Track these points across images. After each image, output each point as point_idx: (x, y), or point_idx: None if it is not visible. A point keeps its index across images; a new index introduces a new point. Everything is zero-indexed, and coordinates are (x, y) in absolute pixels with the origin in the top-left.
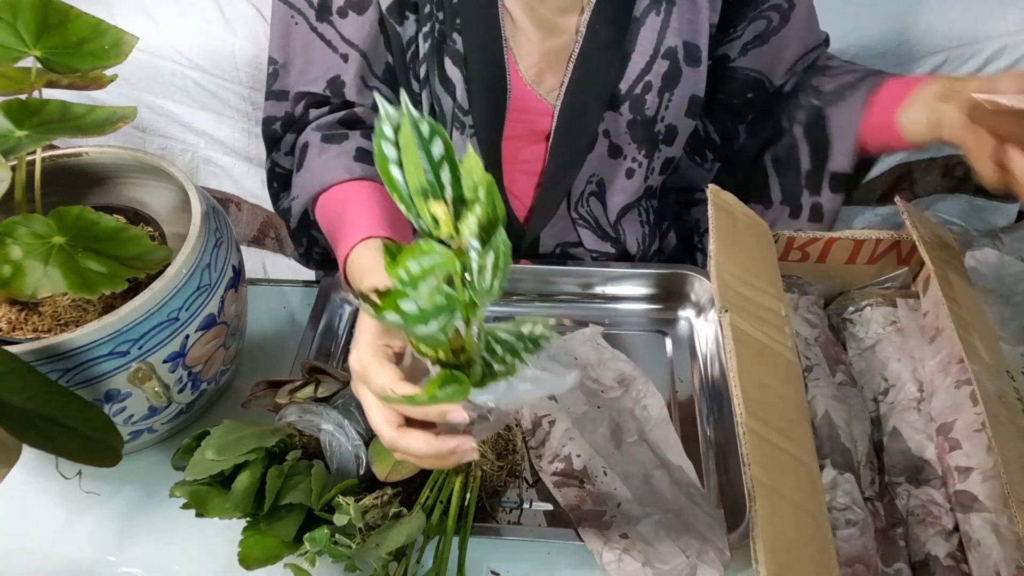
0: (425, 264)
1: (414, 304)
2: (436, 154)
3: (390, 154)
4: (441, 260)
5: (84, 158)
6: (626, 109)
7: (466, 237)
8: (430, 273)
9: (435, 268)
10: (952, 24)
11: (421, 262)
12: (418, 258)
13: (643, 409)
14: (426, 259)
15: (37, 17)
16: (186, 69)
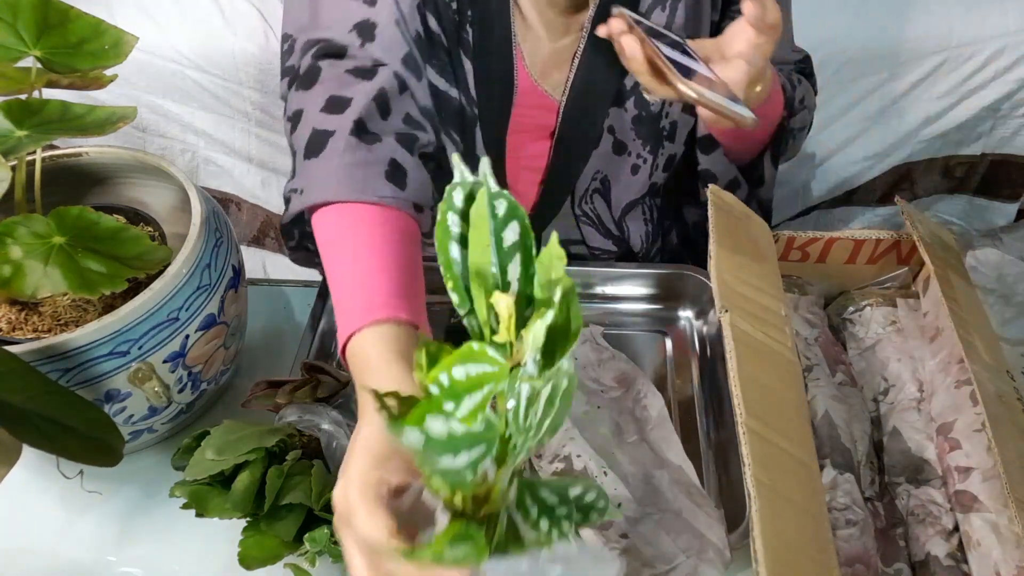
0: (473, 373)
1: (446, 425)
2: (509, 240)
3: (453, 228)
4: (495, 371)
5: (84, 158)
6: (631, 105)
7: (528, 348)
8: (478, 387)
9: (486, 381)
10: (952, 24)
11: (469, 370)
12: (466, 364)
13: (643, 409)
14: (476, 367)
15: (37, 17)
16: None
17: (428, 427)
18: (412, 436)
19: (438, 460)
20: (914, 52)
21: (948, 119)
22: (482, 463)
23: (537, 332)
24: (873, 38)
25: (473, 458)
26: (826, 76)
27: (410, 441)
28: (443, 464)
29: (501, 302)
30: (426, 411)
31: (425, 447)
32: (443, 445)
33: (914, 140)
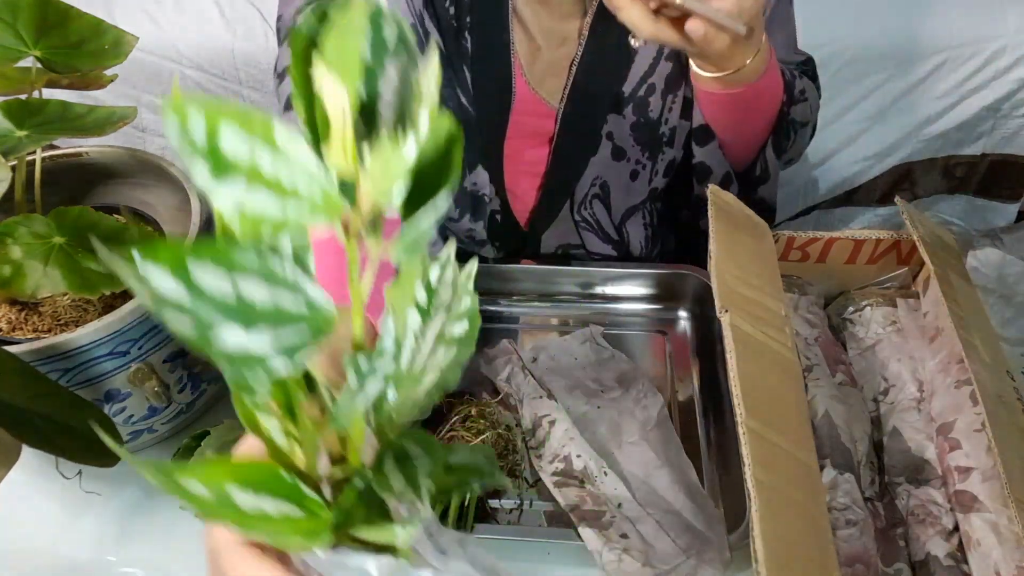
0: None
1: (230, 283)
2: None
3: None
4: (315, 195)
5: (84, 158)
6: (629, 112)
7: (376, 189)
8: (282, 228)
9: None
10: (952, 24)
11: (273, 171)
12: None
13: (643, 409)
14: (277, 166)
15: (37, 17)
16: (186, 69)
17: (197, 277)
18: (164, 283)
19: (217, 330)
20: (914, 52)
21: (948, 119)
22: (300, 355)
23: (387, 160)
24: (873, 38)
25: (284, 344)
26: (827, 76)
27: (163, 292)
28: (226, 341)
29: (327, 82)
30: (194, 249)
31: (193, 305)
32: (225, 309)
33: (914, 140)
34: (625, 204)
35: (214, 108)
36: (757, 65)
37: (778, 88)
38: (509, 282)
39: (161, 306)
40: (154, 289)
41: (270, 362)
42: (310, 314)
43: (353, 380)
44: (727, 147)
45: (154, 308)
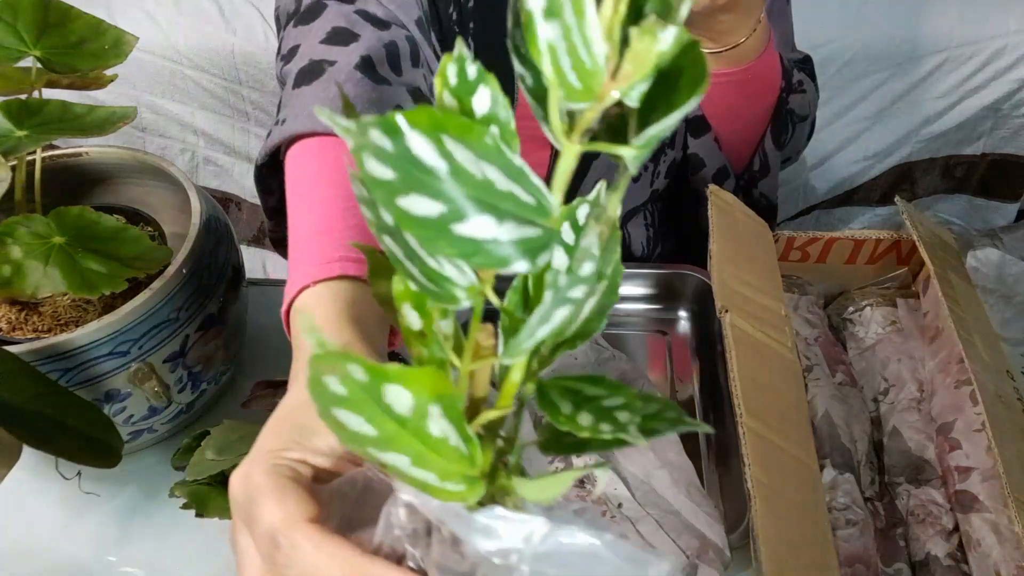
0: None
1: (474, 152)
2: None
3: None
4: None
5: (84, 158)
6: None
7: (630, 78)
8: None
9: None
10: (952, 24)
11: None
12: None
13: None
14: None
15: (37, 17)
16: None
17: (448, 143)
18: (421, 148)
19: (468, 218)
20: (914, 52)
21: (948, 119)
22: (541, 256)
23: (648, 46)
24: (873, 38)
25: (525, 237)
26: (826, 76)
27: (415, 154)
28: (473, 232)
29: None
30: (446, 123)
31: (448, 184)
32: (473, 183)
33: (914, 140)
34: (626, 206)
35: None
36: (756, 43)
37: (777, 73)
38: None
39: (408, 188)
40: (409, 163)
41: (513, 261)
42: (540, 213)
43: (548, 302)
44: (724, 139)
45: (393, 191)
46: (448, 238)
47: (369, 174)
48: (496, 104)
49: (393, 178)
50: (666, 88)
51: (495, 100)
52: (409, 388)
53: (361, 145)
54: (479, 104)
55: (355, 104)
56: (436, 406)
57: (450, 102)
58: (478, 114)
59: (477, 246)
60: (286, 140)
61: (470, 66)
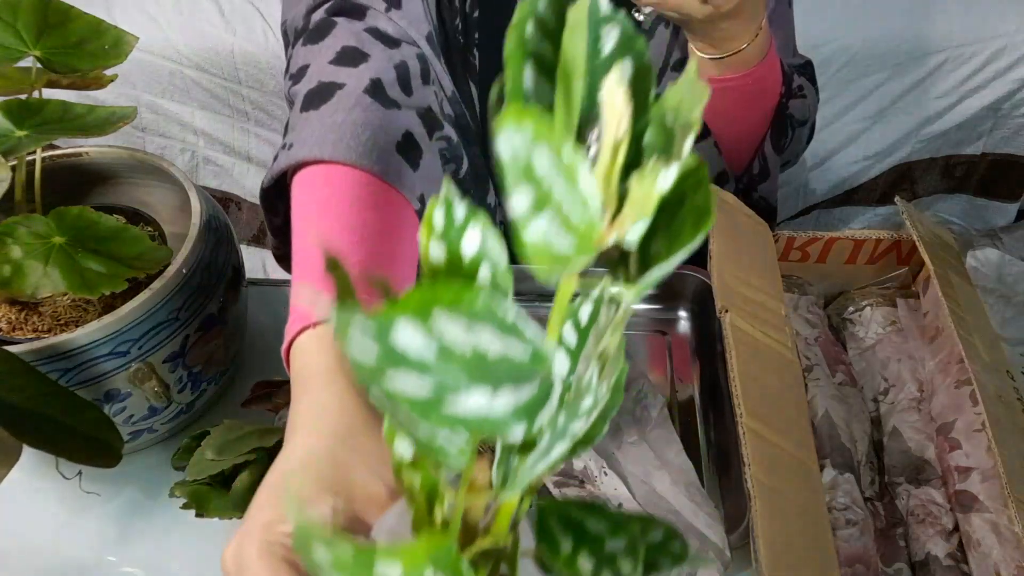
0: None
1: (470, 332)
2: (607, 49)
3: (533, 43)
4: (581, 228)
5: (84, 158)
6: None
7: (630, 219)
8: (556, 258)
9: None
10: (952, 24)
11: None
12: (528, 179)
13: (643, 409)
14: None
15: (37, 17)
16: (185, 69)
17: (438, 323)
18: (407, 337)
19: (461, 393)
20: (914, 52)
21: (948, 119)
22: (539, 416)
23: (649, 191)
24: (873, 38)
25: (524, 402)
26: (827, 76)
27: (401, 345)
28: (465, 405)
29: (614, 100)
30: (436, 297)
31: (437, 365)
32: (468, 365)
33: (914, 140)
34: None
35: (534, 125)
36: (757, 49)
37: (777, 78)
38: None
39: (394, 366)
40: (395, 348)
41: (510, 427)
42: (535, 364)
43: (547, 440)
44: (724, 144)
45: (378, 372)
46: (439, 415)
47: (353, 358)
48: (486, 241)
49: (377, 364)
50: (667, 218)
51: (485, 237)
52: (401, 563)
53: (343, 330)
54: (469, 245)
55: (364, 130)
56: (429, 571)
57: (437, 254)
58: (467, 256)
59: (471, 421)
60: (292, 166)
61: (458, 208)
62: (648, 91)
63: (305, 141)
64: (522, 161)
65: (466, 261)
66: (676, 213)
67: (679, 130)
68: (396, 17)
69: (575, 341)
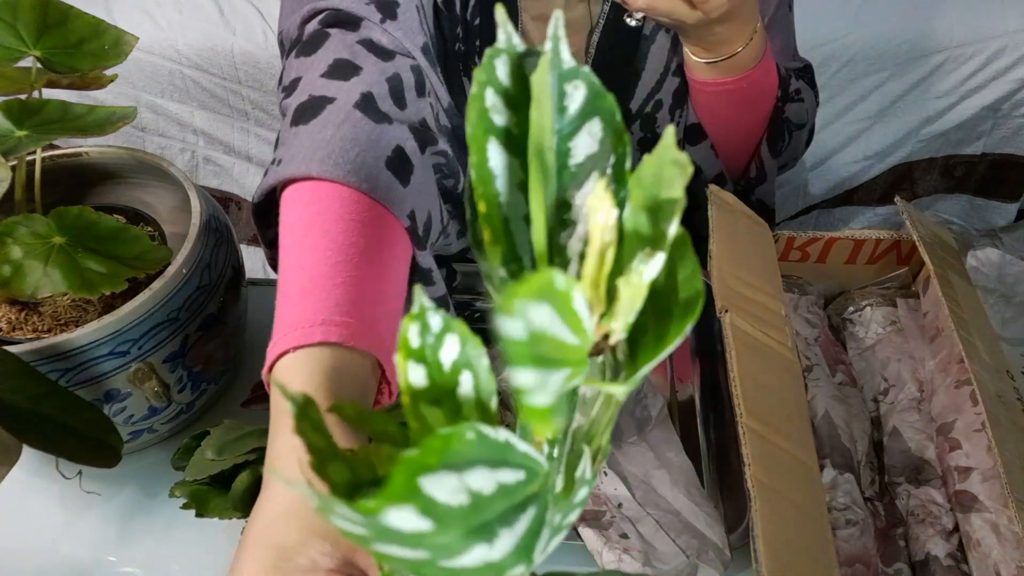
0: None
1: (458, 484)
2: (582, 146)
3: (495, 116)
4: (575, 348)
5: (84, 158)
6: (637, 128)
7: (620, 317)
8: (549, 362)
9: (558, 362)
10: (952, 24)
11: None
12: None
13: (643, 409)
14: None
15: (37, 17)
16: (185, 69)
17: (429, 491)
18: (399, 520)
19: (461, 554)
20: (914, 52)
21: (948, 119)
22: (538, 546)
23: (637, 289)
24: (873, 38)
25: (521, 537)
26: (826, 76)
27: (353, 533)
28: (465, 563)
29: (600, 208)
30: (424, 463)
31: (430, 535)
32: (461, 520)
33: (914, 140)
34: None
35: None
36: (753, 52)
37: (773, 82)
38: None
39: (386, 542)
40: (387, 531)
41: (508, 570)
42: (530, 483)
43: (545, 537)
44: (720, 147)
45: (368, 542)
46: (433, 570)
47: (340, 527)
48: (466, 346)
49: (369, 535)
50: (656, 307)
51: (464, 342)
52: None
53: (327, 510)
54: (447, 355)
55: (353, 146)
56: None
57: (417, 375)
58: (446, 366)
59: (468, 572)
60: (281, 183)
61: (433, 318)
62: (625, 157)
63: (293, 157)
64: (532, 335)
65: (446, 372)
66: (664, 300)
67: (663, 212)
68: (391, 28)
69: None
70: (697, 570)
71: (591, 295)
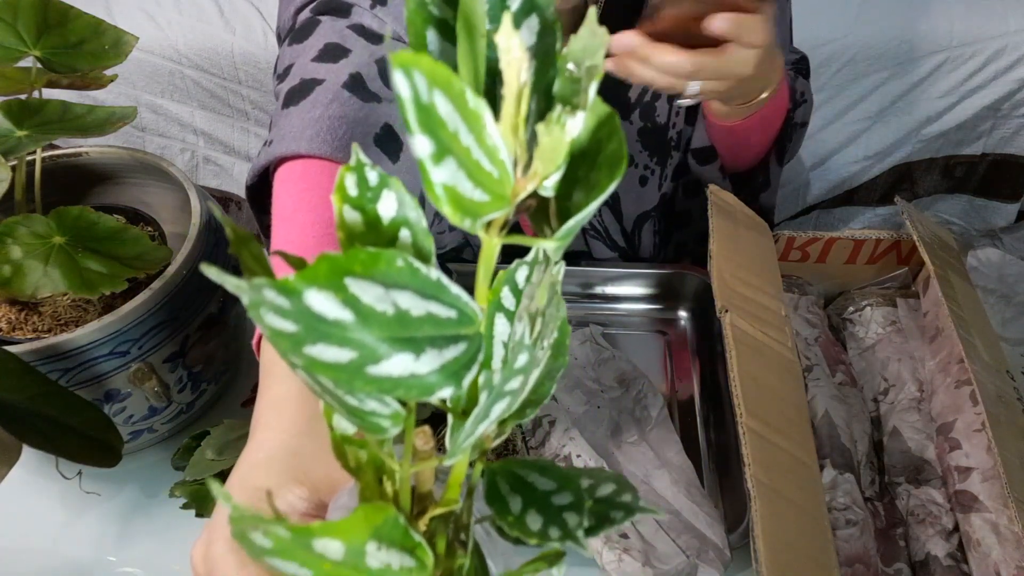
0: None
1: (386, 294)
2: (514, 7)
3: (434, 10)
4: (495, 184)
5: (84, 158)
6: (636, 117)
7: (540, 170)
8: (465, 209)
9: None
10: (952, 24)
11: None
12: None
13: (643, 409)
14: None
15: (37, 17)
16: (185, 69)
17: (353, 290)
18: (320, 304)
19: (384, 359)
20: (914, 52)
21: (948, 119)
22: (466, 375)
23: (558, 140)
24: (873, 38)
25: (449, 362)
26: (826, 76)
27: (314, 310)
28: (390, 371)
29: (510, 45)
30: (348, 264)
31: (357, 331)
32: (385, 326)
33: (914, 140)
34: (636, 211)
35: (431, 68)
36: (773, 91)
37: (786, 100)
38: None
39: (314, 339)
40: (310, 317)
41: (437, 389)
42: (462, 324)
43: (484, 402)
44: (730, 163)
45: (299, 342)
46: (363, 379)
47: (269, 327)
48: (403, 206)
49: (296, 331)
50: (585, 165)
51: (402, 201)
52: (339, 538)
53: (256, 302)
54: (385, 209)
55: (340, 124)
56: (373, 542)
57: (352, 216)
58: (385, 220)
59: (396, 382)
60: (272, 162)
61: (370, 172)
62: (554, 45)
63: (284, 137)
64: (423, 102)
65: (385, 224)
66: (592, 159)
67: (584, 78)
68: (381, 14)
69: (513, 304)
70: (697, 570)
71: (511, 140)
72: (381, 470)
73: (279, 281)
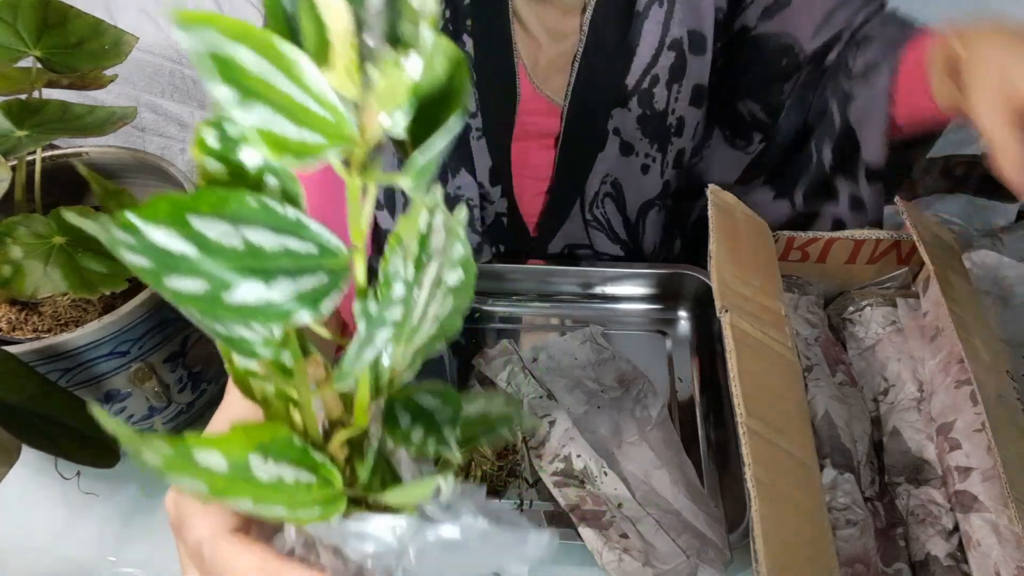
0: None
1: (234, 230)
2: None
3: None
4: (329, 123)
5: (84, 158)
6: (635, 104)
7: (384, 112)
8: (301, 152)
9: (314, 138)
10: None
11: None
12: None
13: (643, 409)
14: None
15: (37, 17)
16: (185, 68)
17: (197, 227)
18: (163, 239)
19: (234, 287)
20: None
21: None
22: (324, 303)
23: (395, 80)
24: None
25: (305, 291)
26: None
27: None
28: (244, 298)
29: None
30: (193, 203)
31: (204, 263)
32: (233, 258)
33: None
34: (639, 199)
35: (227, 24)
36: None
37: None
38: (509, 282)
39: (167, 271)
40: (158, 251)
41: (294, 315)
42: (323, 258)
43: (363, 329)
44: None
45: (157, 275)
46: (221, 308)
47: (130, 263)
48: (269, 160)
49: (151, 266)
50: (436, 109)
51: (267, 157)
52: (218, 450)
53: (112, 241)
54: (250, 159)
55: None
56: (258, 456)
57: (215, 167)
58: (251, 168)
59: (251, 310)
60: None
61: (229, 125)
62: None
63: None
64: (221, 55)
65: (251, 172)
66: (444, 102)
67: (420, 19)
68: None
69: (416, 244)
70: (697, 570)
71: (348, 84)
72: (288, 402)
73: (121, 218)
